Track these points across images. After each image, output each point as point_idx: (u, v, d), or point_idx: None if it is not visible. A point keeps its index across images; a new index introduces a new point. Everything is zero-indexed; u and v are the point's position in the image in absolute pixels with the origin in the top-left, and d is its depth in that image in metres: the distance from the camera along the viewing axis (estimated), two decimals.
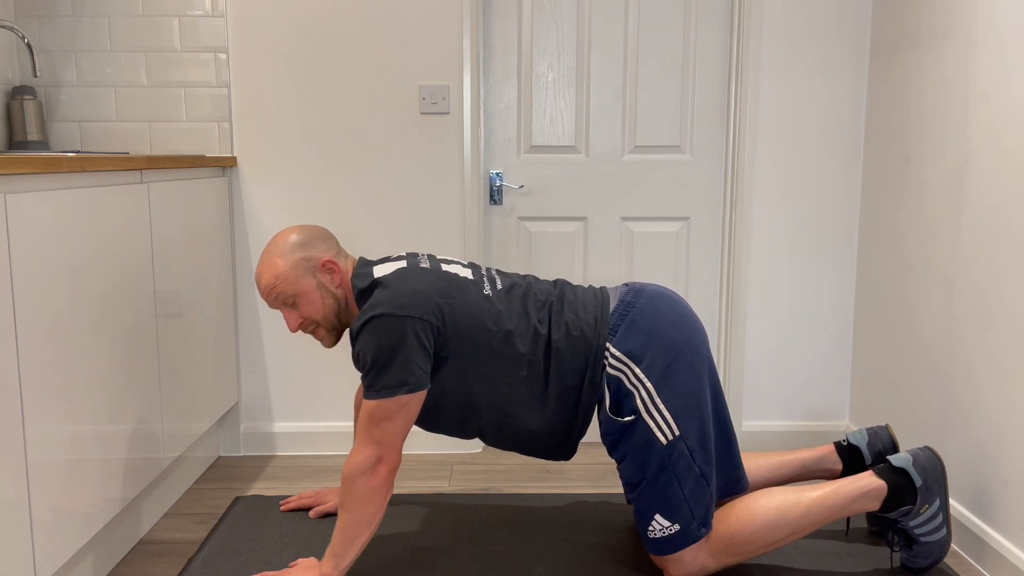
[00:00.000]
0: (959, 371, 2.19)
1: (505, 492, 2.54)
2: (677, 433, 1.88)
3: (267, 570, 2.02)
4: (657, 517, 1.90)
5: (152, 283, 2.17)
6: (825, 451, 2.21)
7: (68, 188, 1.75)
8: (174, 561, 2.11)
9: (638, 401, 1.89)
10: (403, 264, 1.96)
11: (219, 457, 2.85)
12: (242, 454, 2.87)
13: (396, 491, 2.55)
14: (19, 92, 2.60)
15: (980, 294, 2.10)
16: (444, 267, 1.98)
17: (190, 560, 2.09)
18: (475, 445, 2.90)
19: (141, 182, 2.13)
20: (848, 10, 2.74)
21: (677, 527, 1.89)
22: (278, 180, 2.77)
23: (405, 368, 1.82)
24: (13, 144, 2.61)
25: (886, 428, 2.19)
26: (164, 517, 2.37)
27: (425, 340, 1.84)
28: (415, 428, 2.87)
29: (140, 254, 2.09)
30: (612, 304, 1.98)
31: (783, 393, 2.92)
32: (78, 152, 2.33)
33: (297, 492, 2.54)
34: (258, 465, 2.78)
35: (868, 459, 2.18)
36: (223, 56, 2.71)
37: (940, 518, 1.94)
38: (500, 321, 1.91)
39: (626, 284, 2.05)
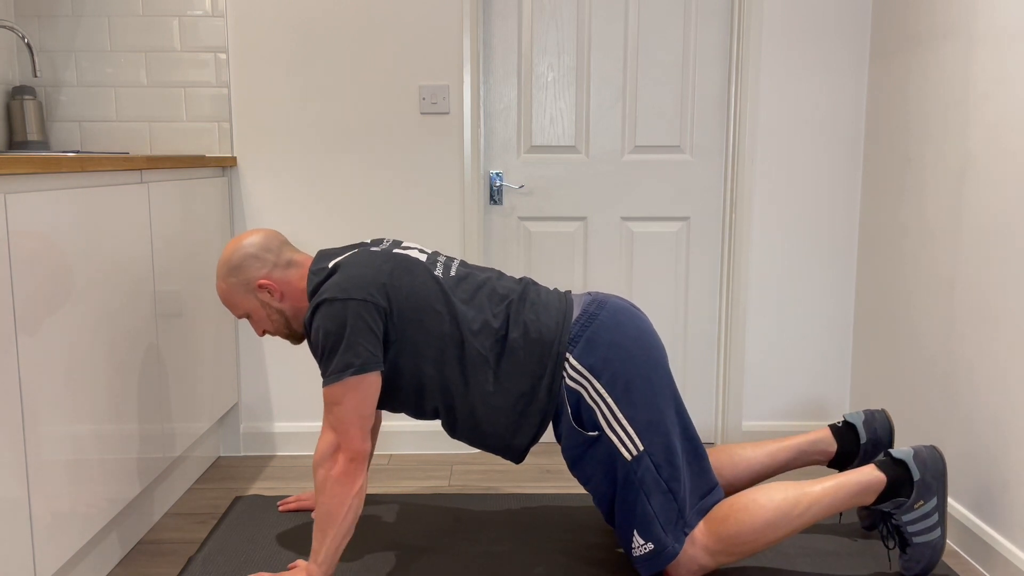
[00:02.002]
0: (959, 371, 2.19)
1: (505, 492, 2.54)
2: (641, 448, 1.87)
3: (266, 571, 2.02)
4: (635, 534, 1.90)
5: (152, 283, 2.17)
6: (820, 434, 2.21)
7: (68, 188, 1.75)
8: (174, 561, 2.11)
9: (600, 417, 1.89)
10: (355, 251, 1.96)
11: (219, 457, 2.85)
12: (242, 454, 2.87)
13: (396, 491, 2.55)
14: (19, 92, 2.60)
15: (980, 294, 2.10)
16: (397, 250, 1.98)
17: (190, 560, 2.09)
18: None
19: (141, 182, 2.13)
20: (848, 10, 2.74)
21: (651, 546, 1.88)
22: (278, 180, 2.77)
23: (350, 350, 1.82)
24: (13, 144, 2.61)
25: (883, 411, 2.20)
26: (164, 517, 2.37)
27: (371, 321, 1.84)
28: (412, 428, 2.87)
29: (140, 254, 2.09)
30: (575, 313, 1.96)
31: (783, 393, 2.92)
32: (78, 152, 2.33)
33: (296, 492, 2.54)
34: (258, 465, 2.78)
35: (863, 437, 2.18)
36: (223, 56, 2.71)
37: (935, 518, 1.93)
38: (449, 304, 1.91)
39: (589, 293, 2.04)
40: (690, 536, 1.89)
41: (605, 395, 1.88)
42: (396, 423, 2.88)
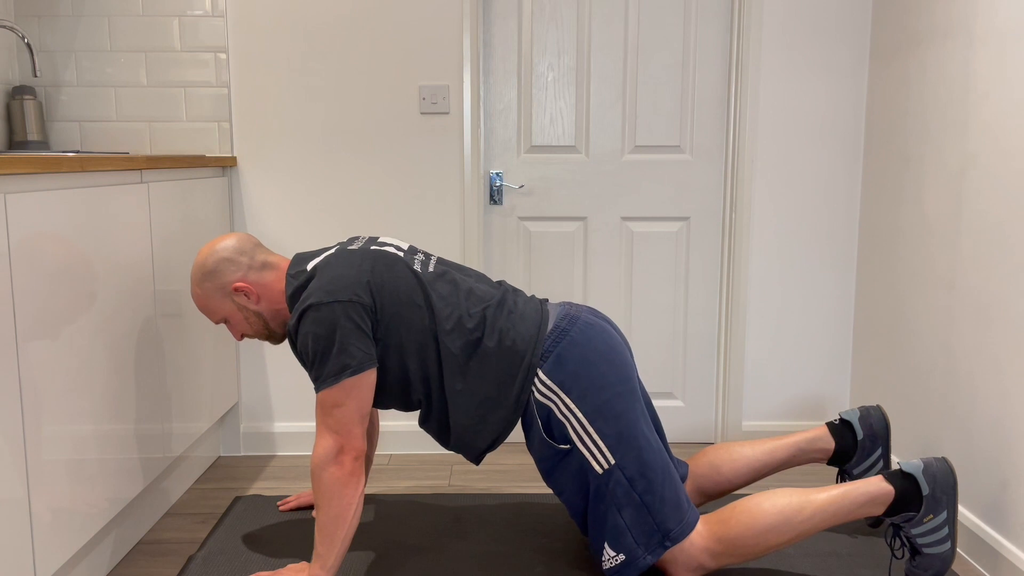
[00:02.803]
0: (959, 371, 2.19)
1: (505, 492, 2.54)
2: (612, 462, 1.87)
3: (266, 570, 2.02)
4: (605, 547, 1.90)
5: (152, 283, 2.17)
6: (818, 432, 2.21)
7: (68, 188, 1.75)
8: (174, 561, 2.11)
9: (571, 431, 1.89)
10: (332, 251, 1.96)
11: (219, 457, 2.85)
12: (242, 454, 2.87)
13: (396, 491, 2.55)
14: (19, 92, 2.60)
15: (979, 294, 2.10)
16: (374, 247, 1.98)
17: (190, 560, 2.09)
18: None
19: (141, 182, 2.13)
20: (848, 10, 2.74)
21: (623, 557, 1.88)
22: (278, 180, 2.77)
23: (344, 352, 1.81)
24: (13, 144, 2.61)
25: (879, 408, 2.20)
26: (164, 517, 2.37)
27: (359, 320, 1.84)
28: (413, 428, 2.87)
29: (140, 254, 2.09)
30: (548, 325, 1.96)
31: (783, 393, 2.92)
32: (78, 152, 2.33)
33: (296, 492, 2.54)
34: (258, 465, 2.78)
35: (860, 434, 2.18)
36: (223, 56, 2.71)
37: (945, 531, 1.91)
38: (428, 299, 1.91)
39: (563, 304, 2.04)
40: (690, 537, 1.89)
41: (575, 410, 1.89)
42: (396, 423, 2.88)
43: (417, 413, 2.05)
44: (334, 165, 2.77)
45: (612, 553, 1.89)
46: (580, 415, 1.89)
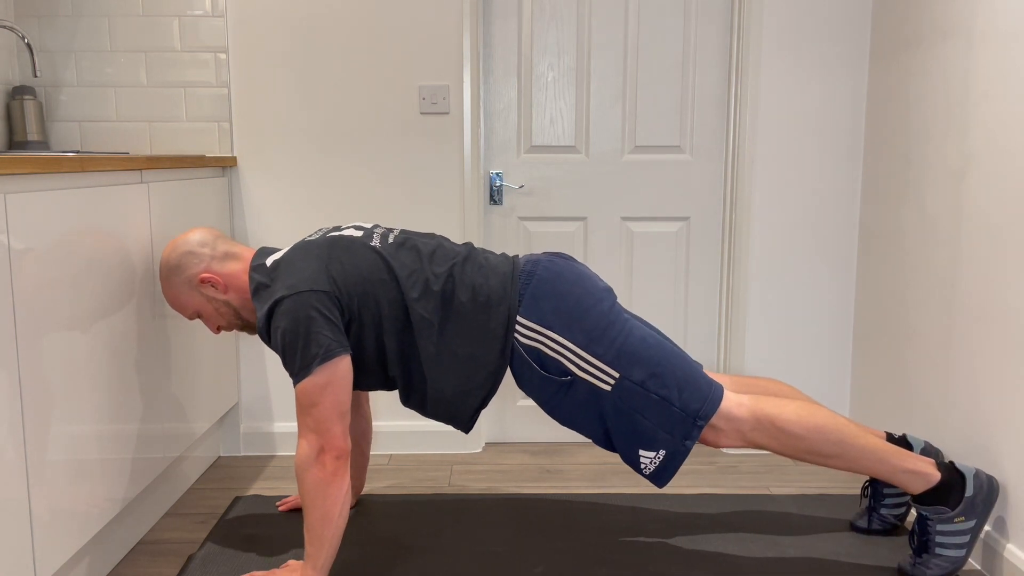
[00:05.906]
0: (959, 371, 2.19)
1: (505, 492, 2.54)
2: (617, 375, 1.88)
3: (264, 570, 2.02)
4: (641, 454, 1.91)
5: (152, 283, 2.17)
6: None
7: (68, 188, 1.76)
8: (174, 561, 2.11)
9: (568, 363, 1.90)
10: (293, 245, 1.98)
11: (219, 457, 2.85)
12: (242, 454, 2.87)
13: (396, 491, 2.55)
14: (19, 92, 2.60)
15: (980, 294, 2.10)
16: (333, 233, 1.99)
17: (190, 559, 2.09)
18: (475, 445, 2.90)
19: (141, 182, 2.13)
20: (848, 10, 2.74)
21: (663, 452, 1.89)
22: (278, 180, 2.77)
23: (312, 342, 1.82)
24: (13, 144, 2.61)
25: (903, 438, 2.18)
26: (164, 517, 2.37)
27: (325, 310, 1.84)
28: (412, 428, 2.87)
29: (140, 254, 2.10)
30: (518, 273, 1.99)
31: None
32: (78, 152, 2.33)
33: (295, 492, 2.54)
34: (258, 465, 2.78)
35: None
36: (223, 56, 2.71)
37: (967, 538, 1.93)
38: (391, 271, 1.92)
39: (528, 255, 2.05)
40: (729, 409, 1.90)
41: (566, 343, 1.90)
42: (396, 423, 2.88)
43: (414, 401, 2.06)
44: (334, 165, 2.77)
45: (650, 455, 1.90)
46: (572, 346, 1.90)
